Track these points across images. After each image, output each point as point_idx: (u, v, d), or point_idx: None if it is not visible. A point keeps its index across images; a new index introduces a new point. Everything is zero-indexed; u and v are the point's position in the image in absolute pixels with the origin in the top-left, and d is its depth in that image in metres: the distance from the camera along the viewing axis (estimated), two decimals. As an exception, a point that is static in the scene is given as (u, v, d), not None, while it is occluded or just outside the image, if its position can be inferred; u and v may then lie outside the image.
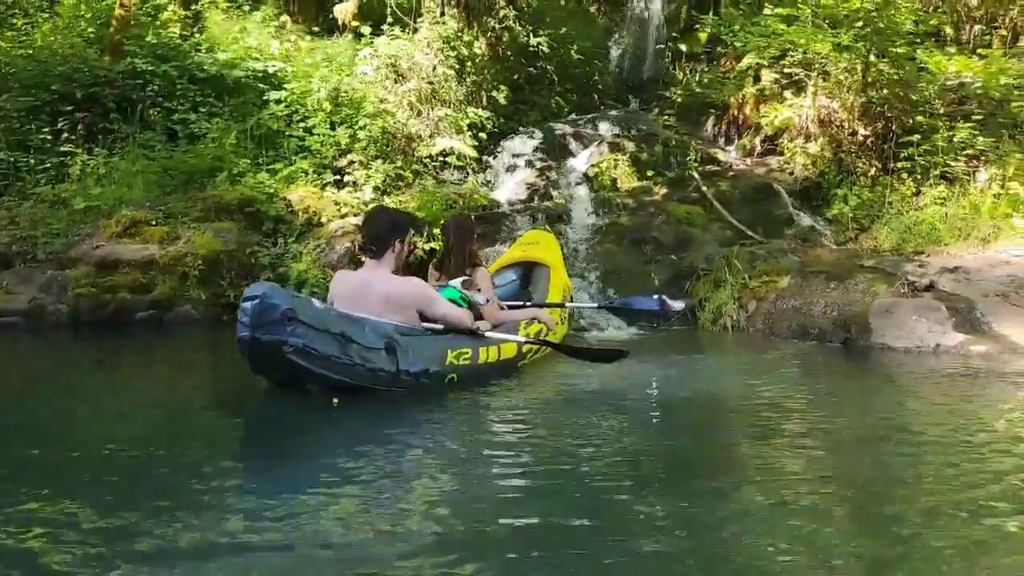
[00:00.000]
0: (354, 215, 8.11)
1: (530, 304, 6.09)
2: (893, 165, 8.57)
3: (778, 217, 9.00)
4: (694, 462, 3.40)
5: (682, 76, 12.43)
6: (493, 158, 10.28)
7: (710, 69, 11.84)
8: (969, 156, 8.09)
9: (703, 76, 11.71)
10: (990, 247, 7.00)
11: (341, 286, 4.65)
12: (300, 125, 9.11)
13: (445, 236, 5.73)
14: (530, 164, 10.13)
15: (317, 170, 8.69)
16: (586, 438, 3.66)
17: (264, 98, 9.23)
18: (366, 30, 10.12)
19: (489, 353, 4.84)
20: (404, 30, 10.06)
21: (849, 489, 3.01)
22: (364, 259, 4.70)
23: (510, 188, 9.75)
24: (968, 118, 8.40)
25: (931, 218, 7.64)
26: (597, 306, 6.56)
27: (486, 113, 10.22)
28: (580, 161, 10.23)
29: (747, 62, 10.31)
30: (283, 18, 10.37)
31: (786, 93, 10.09)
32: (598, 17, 15.10)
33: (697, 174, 9.55)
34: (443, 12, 10.35)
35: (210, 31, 9.95)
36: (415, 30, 10.04)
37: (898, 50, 8.35)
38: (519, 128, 10.99)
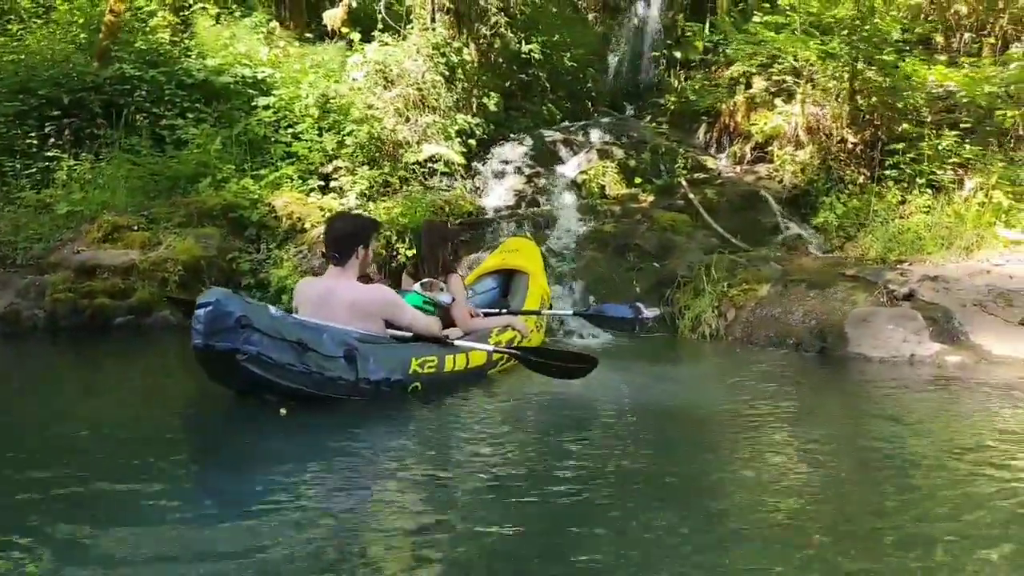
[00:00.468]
0: (338, 221, 8.06)
1: (505, 312, 6.06)
2: (880, 173, 8.52)
3: (765, 225, 8.96)
4: (657, 475, 3.33)
5: (676, 83, 12.41)
6: (482, 164, 10.26)
7: (703, 77, 11.80)
8: (955, 165, 8.04)
9: (694, 83, 11.67)
10: (973, 256, 6.95)
11: (305, 294, 4.59)
12: (289, 131, 9.11)
13: (418, 241, 5.71)
14: (519, 171, 10.10)
15: (303, 176, 8.68)
16: (549, 449, 3.64)
17: (252, 104, 9.24)
18: (356, 36, 10.13)
19: (456, 361, 4.79)
20: (395, 37, 10.05)
21: (809, 502, 2.98)
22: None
23: (498, 195, 9.72)
24: (956, 126, 8.36)
25: (916, 227, 7.60)
26: (572, 313, 6.51)
27: (476, 120, 10.22)
28: (569, 168, 10.19)
29: (735, 70, 10.30)
30: (272, 24, 10.37)
31: (776, 101, 10.07)
32: (596, 25, 15.09)
33: (685, 181, 9.51)
34: (433, 19, 10.35)
35: (199, 37, 9.96)
36: (404, 37, 10.03)
37: (885, 58, 8.31)
38: (510, 135, 10.98)
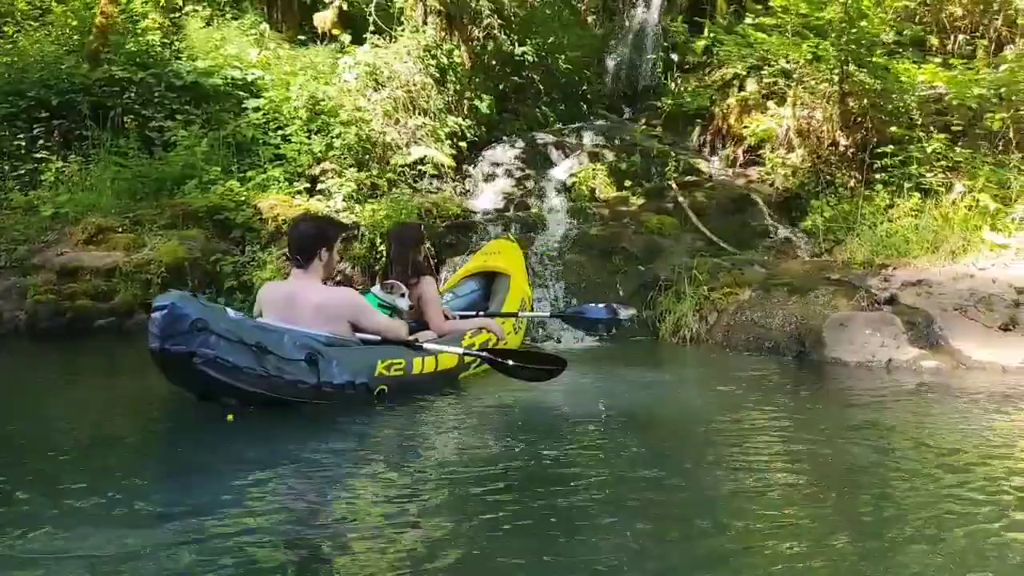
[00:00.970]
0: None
1: (482, 314, 6.03)
2: (868, 176, 8.45)
3: (755, 228, 8.91)
4: (625, 481, 3.27)
5: (673, 86, 12.36)
6: (473, 167, 10.25)
7: (695, 79, 11.75)
8: (944, 168, 7.97)
9: (687, 86, 11.62)
10: (959, 260, 6.88)
11: (270, 297, 4.55)
12: (279, 133, 9.11)
13: (389, 243, 5.67)
14: (509, 173, 10.09)
15: (290, 178, 8.67)
16: (517, 454, 3.59)
17: (242, 106, 9.25)
18: (346, 38, 10.13)
19: (425, 364, 4.73)
20: (386, 39, 10.05)
21: (777, 510, 2.94)
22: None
23: (487, 197, 9.71)
24: (947, 129, 8.29)
25: (904, 230, 7.53)
26: (549, 315, 6.48)
27: (467, 122, 10.21)
28: (560, 171, 10.16)
29: (726, 72, 10.25)
30: (263, 26, 10.38)
31: (769, 103, 10.02)
32: (596, 27, 15.05)
33: (675, 184, 9.47)
34: (425, 21, 10.35)
35: (190, 39, 9.97)
36: (394, 39, 10.03)
37: (875, 60, 8.24)
38: (503, 137, 10.96)
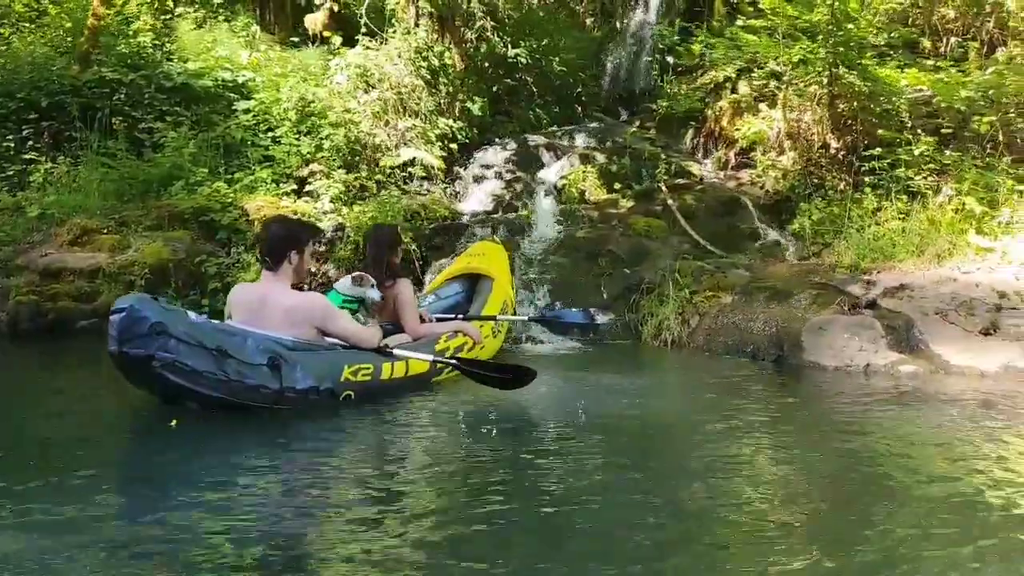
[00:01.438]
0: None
1: (460, 316, 6.00)
2: (857, 179, 8.40)
3: (744, 231, 8.87)
4: (602, 485, 3.26)
5: (668, 88, 12.31)
6: (463, 169, 10.22)
7: (688, 82, 11.71)
8: (933, 171, 7.91)
9: (681, 88, 11.58)
10: (944, 263, 6.82)
11: (239, 299, 4.54)
12: (268, 135, 9.11)
13: (365, 244, 5.64)
14: (499, 176, 10.05)
15: (277, 180, 8.67)
16: (489, 459, 3.59)
17: (232, 108, 9.25)
18: (337, 40, 10.13)
19: (395, 368, 4.69)
20: (377, 41, 10.03)
21: (754, 515, 2.93)
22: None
23: (477, 199, 9.68)
24: (937, 132, 8.23)
25: (891, 233, 7.48)
26: (527, 318, 6.45)
27: (458, 124, 10.18)
28: (550, 173, 10.11)
29: (716, 75, 10.21)
30: (254, 28, 10.39)
31: (761, 106, 9.98)
32: (594, 30, 15.02)
33: (665, 187, 9.43)
34: (417, 23, 10.34)
35: (181, 41, 9.99)
36: (385, 41, 10.01)
37: (863, 62, 8.20)
38: (495, 140, 10.93)
